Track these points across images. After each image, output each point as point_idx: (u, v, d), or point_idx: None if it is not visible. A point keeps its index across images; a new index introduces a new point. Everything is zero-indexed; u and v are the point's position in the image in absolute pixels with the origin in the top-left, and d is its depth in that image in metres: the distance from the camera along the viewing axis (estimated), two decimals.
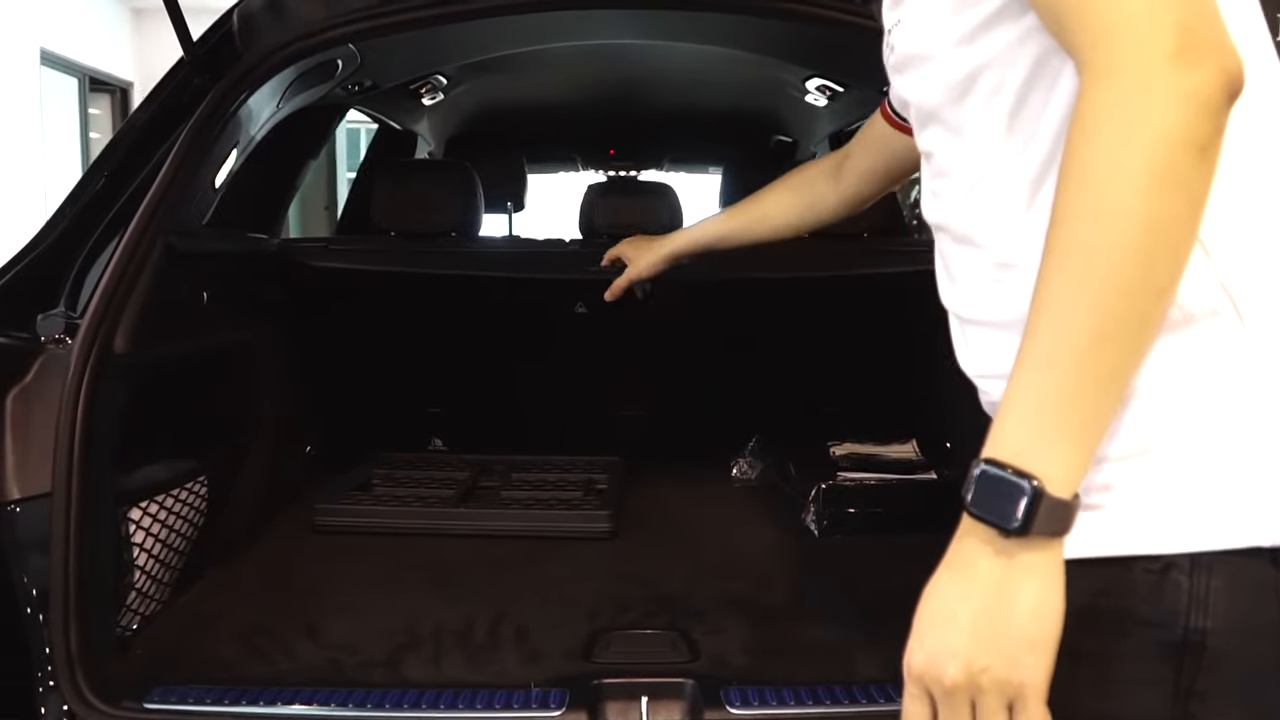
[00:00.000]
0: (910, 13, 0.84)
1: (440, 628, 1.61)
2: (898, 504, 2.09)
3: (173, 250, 1.60)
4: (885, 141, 1.39)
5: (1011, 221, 0.78)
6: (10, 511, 1.35)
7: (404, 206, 2.36)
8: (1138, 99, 0.61)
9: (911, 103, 0.88)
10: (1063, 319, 0.64)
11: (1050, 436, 0.65)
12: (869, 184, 1.47)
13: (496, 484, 2.31)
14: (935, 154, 0.86)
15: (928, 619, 0.72)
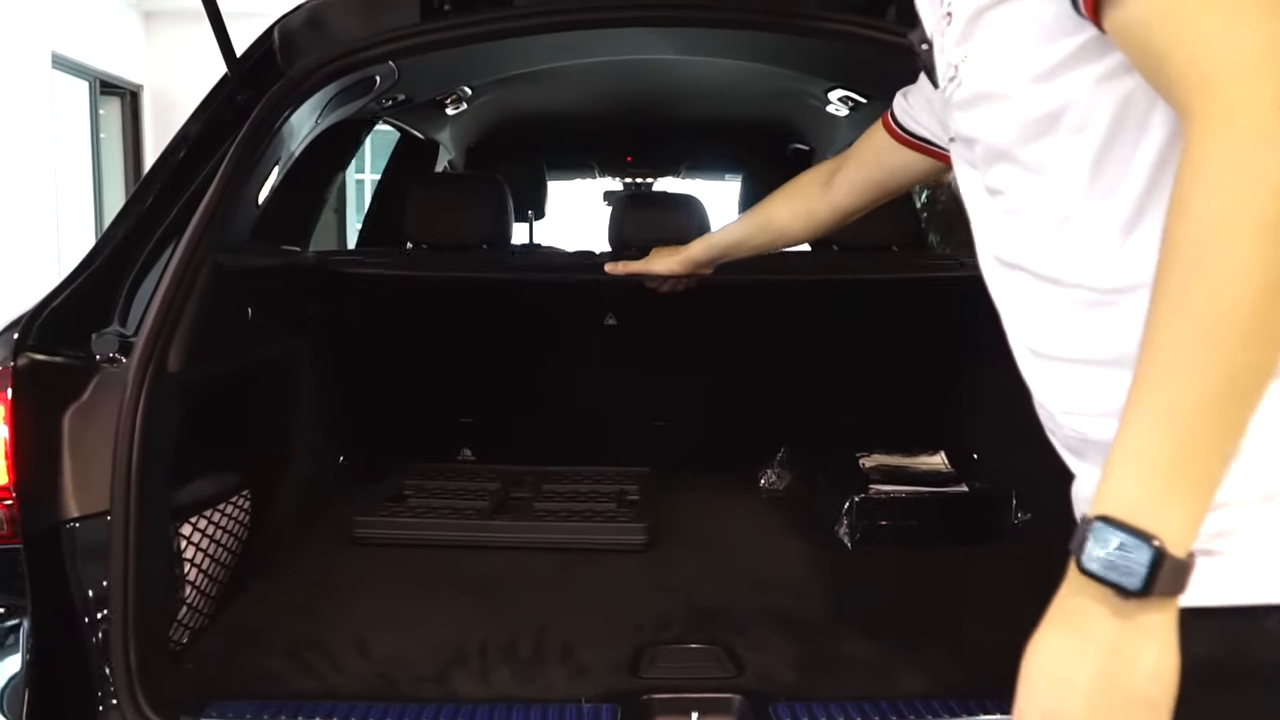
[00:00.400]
0: (982, 48, 0.83)
1: (486, 642, 1.63)
2: (930, 516, 2.11)
3: (221, 269, 1.62)
4: (883, 156, 1.40)
5: (1102, 262, 0.78)
6: (70, 529, 1.37)
7: (436, 219, 2.39)
8: (1255, 150, 0.61)
9: (979, 140, 0.87)
10: (1179, 373, 0.63)
11: (1169, 493, 0.64)
12: (859, 197, 1.49)
13: (528, 495, 2.32)
14: (1007, 192, 0.86)
15: (1039, 681, 0.71)
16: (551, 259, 2.52)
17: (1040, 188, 0.82)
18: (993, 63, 0.82)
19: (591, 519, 2.13)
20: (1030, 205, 0.83)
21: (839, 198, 1.49)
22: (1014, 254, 0.87)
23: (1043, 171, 0.81)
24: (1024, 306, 0.88)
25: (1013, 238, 0.87)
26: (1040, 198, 0.82)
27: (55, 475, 1.37)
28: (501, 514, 2.18)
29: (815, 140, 3.82)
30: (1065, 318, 0.82)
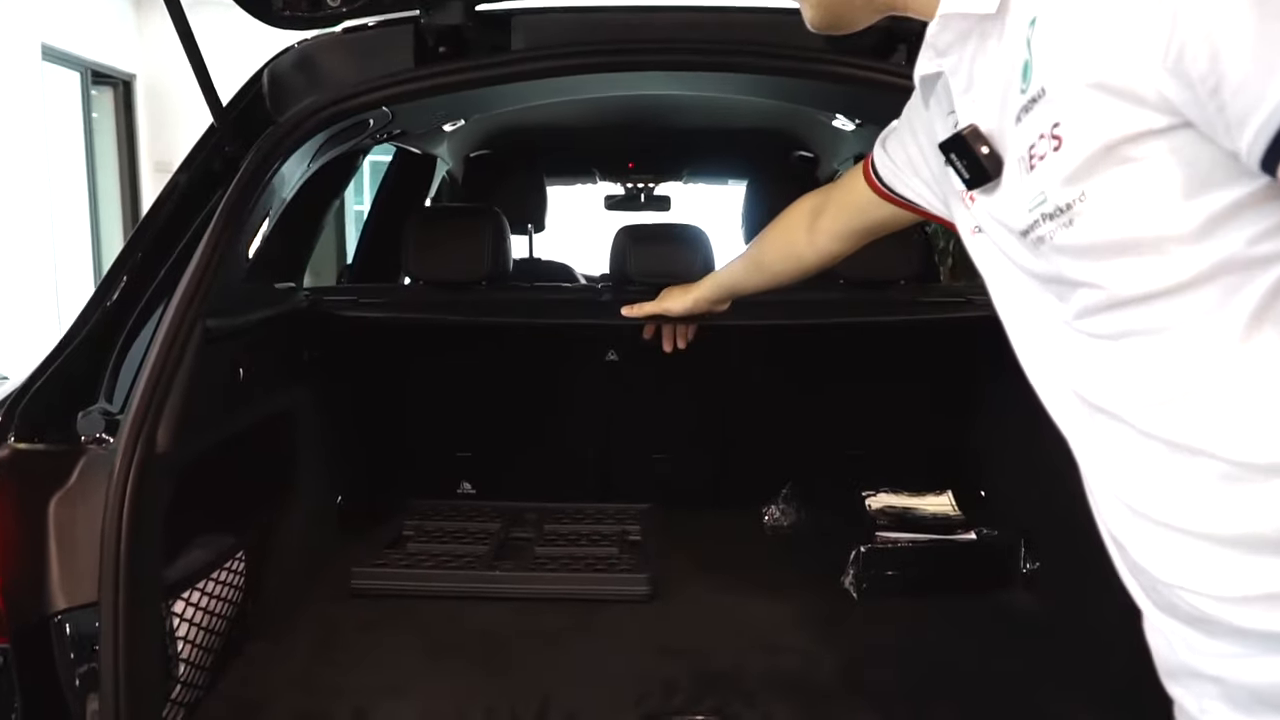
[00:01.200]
0: (1113, 190, 0.70)
1: (490, 713, 1.59)
2: (937, 566, 2.07)
3: (210, 334, 1.57)
4: (864, 208, 1.31)
5: (1250, 432, 0.70)
6: (58, 622, 1.33)
7: (434, 254, 2.33)
8: None
9: (1094, 287, 0.75)
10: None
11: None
12: (843, 243, 1.43)
13: (530, 535, 2.29)
14: (1120, 342, 0.75)
15: None
16: (553, 295, 2.47)
17: (1167, 347, 0.72)
18: (1129, 209, 0.70)
19: (594, 566, 2.10)
20: (1155, 362, 0.73)
21: (822, 243, 1.44)
22: (1115, 404, 0.77)
23: (1178, 330, 0.71)
24: (1123, 460, 0.79)
25: (1117, 388, 0.77)
26: (1169, 358, 0.72)
27: (42, 567, 1.33)
28: (502, 559, 2.15)
29: (819, 148, 3.76)
30: (1188, 488, 0.74)
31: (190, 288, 1.52)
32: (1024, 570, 2.07)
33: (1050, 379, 0.86)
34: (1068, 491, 0.89)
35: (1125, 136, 0.68)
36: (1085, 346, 0.79)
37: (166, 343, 1.46)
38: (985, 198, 0.85)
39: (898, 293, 2.44)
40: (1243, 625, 0.72)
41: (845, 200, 1.36)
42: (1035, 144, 0.75)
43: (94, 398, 1.48)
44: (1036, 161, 0.75)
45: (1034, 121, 0.75)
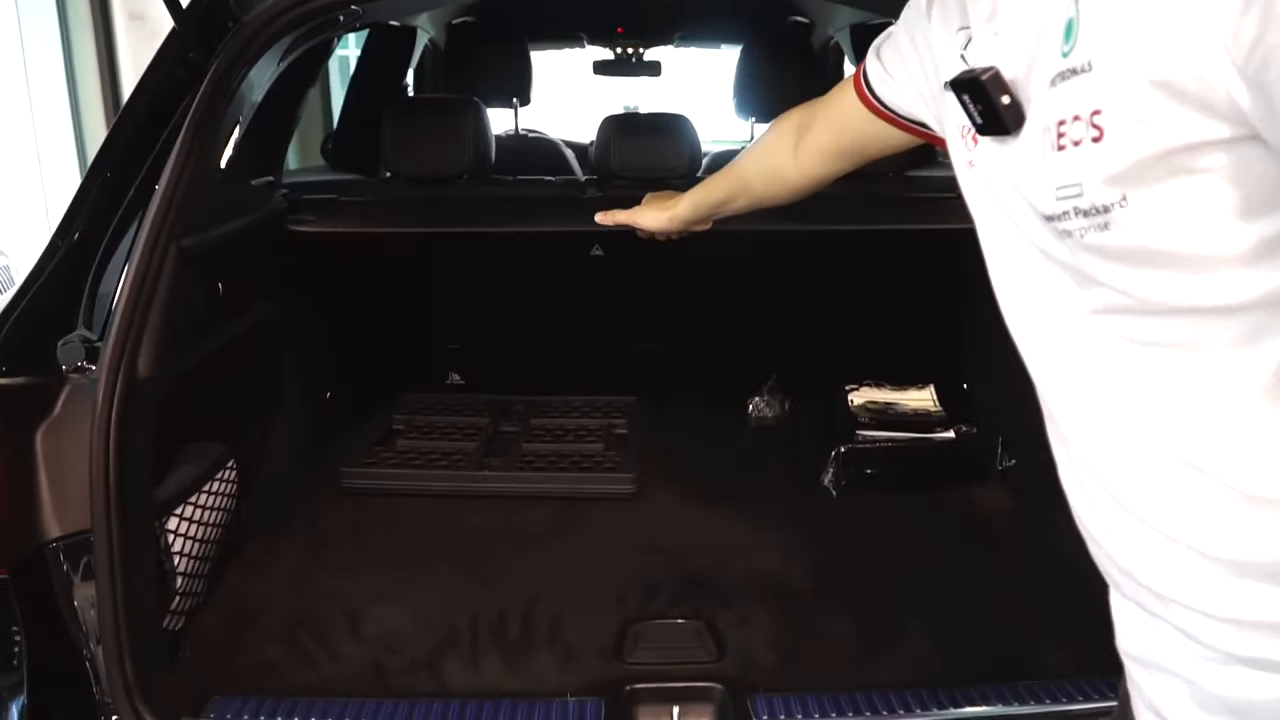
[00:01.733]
0: (1152, 200, 0.63)
1: (476, 619, 1.67)
2: (914, 464, 2.12)
3: (186, 254, 1.55)
4: (853, 124, 1.17)
5: (1272, 467, 0.67)
6: (53, 550, 1.37)
7: (413, 149, 2.27)
8: None
9: (1130, 295, 0.68)
10: None
11: None
12: (829, 164, 1.27)
13: (517, 429, 2.33)
14: (1142, 349, 0.70)
15: None
16: (536, 191, 2.42)
17: (1200, 365, 0.67)
18: (1177, 223, 0.63)
19: (581, 465, 2.15)
20: (1178, 377, 0.69)
21: (808, 164, 1.29)
22: (1126, 407, 0.73)
23: (1209, 351, 0.67)
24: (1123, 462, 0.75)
25: (1130, 392, 0.72)
26: (1196, 375, 0.68)
27: (33, 498, 1.36)
28: (491, 456, 2.20)
29: (815, 14, 3.61)
30: (1195, 505, 0.70)
31: (161, 209, 1.49)
32: (1000, 468, 2.11)
33: (1047, 357, 0.80)
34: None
35: (1184, 145, 0.60)
36: (1099, 340, 0.72)
37: (141, 268, 1.45)
38: (997, 147, 0.76)
39: (885, 185, 2.39)
40: (1233, 650, 0.70)
41: (834, 116, 1.22)
42: (1069, 123, 0.66)
43: (72, 324, 1.48)
44: (1069, 145, 0.66)
45: (1072, 95, 0.65)
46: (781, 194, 1.37)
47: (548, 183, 2.44)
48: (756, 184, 1.40)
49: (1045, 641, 1.59)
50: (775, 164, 1.34)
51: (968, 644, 1.60)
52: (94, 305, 1.52)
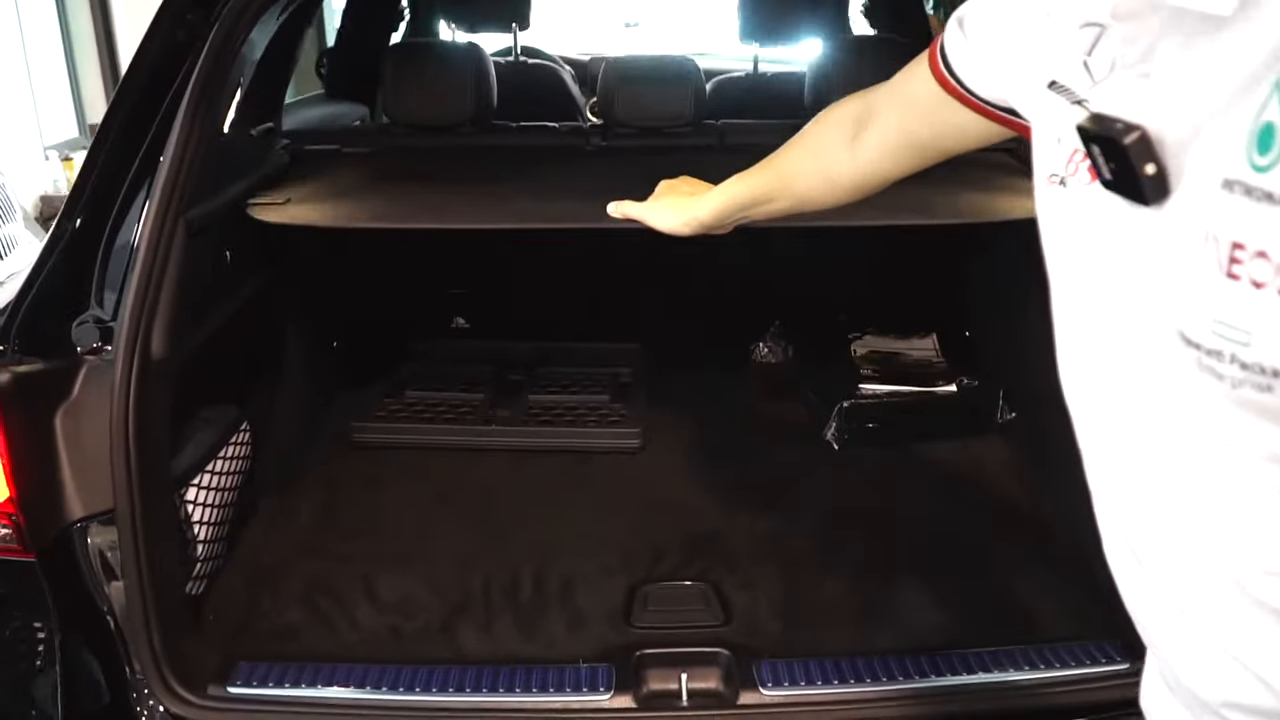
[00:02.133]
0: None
1: (489, 583, 1.72)
2: (915, 417, 2.15)
3: (193, 228, 1.55)
4: (929, 112, 0.98)
5: None
6: (79, 530, 1.41)
7: (414, 98, 2.23)
8: None
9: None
10: None
11: None
12: (895, 162, 1.07)
13: (523, 378, 2.36)
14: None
15: None
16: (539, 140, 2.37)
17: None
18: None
19: (587, 418, 2.18)
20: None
21: (867, 161, 1.08)
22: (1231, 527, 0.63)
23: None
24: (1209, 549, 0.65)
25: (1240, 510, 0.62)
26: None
27: (56, 481, 1.39)
28: (498, 408, 2.23)
29: None
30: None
31: (168, 185, 1.48)
32: (1000, 420, 2.15)
33: (1136, 454, 0.68)
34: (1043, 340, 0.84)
35: None
36: (1227, 459, 0.62)
37: (151, 247, 1.45)
38: (1127, 208, 0.63)
39: None
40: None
41: (902, 102, 1.02)
42: (1251, 257, 0.54)
43: (84, 304, 1.49)
44: (1246, 281, 0.54)
45: (1262, 224, 0.53)
46: (831, 196, 1.16)
47: (551, 130, 2.40)
48: (801, 184, 1.18)
49: (1044, 605, 1.65)
50: (826, 161, 1.13)
51: (968, 608, 1.65)
52: (104, 283, 1.52)
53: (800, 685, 1.48)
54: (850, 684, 1.48)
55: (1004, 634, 1.57)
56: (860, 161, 1.09)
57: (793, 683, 1.48)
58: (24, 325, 1.39)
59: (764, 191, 1.22)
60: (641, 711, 1.45)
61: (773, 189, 1.21)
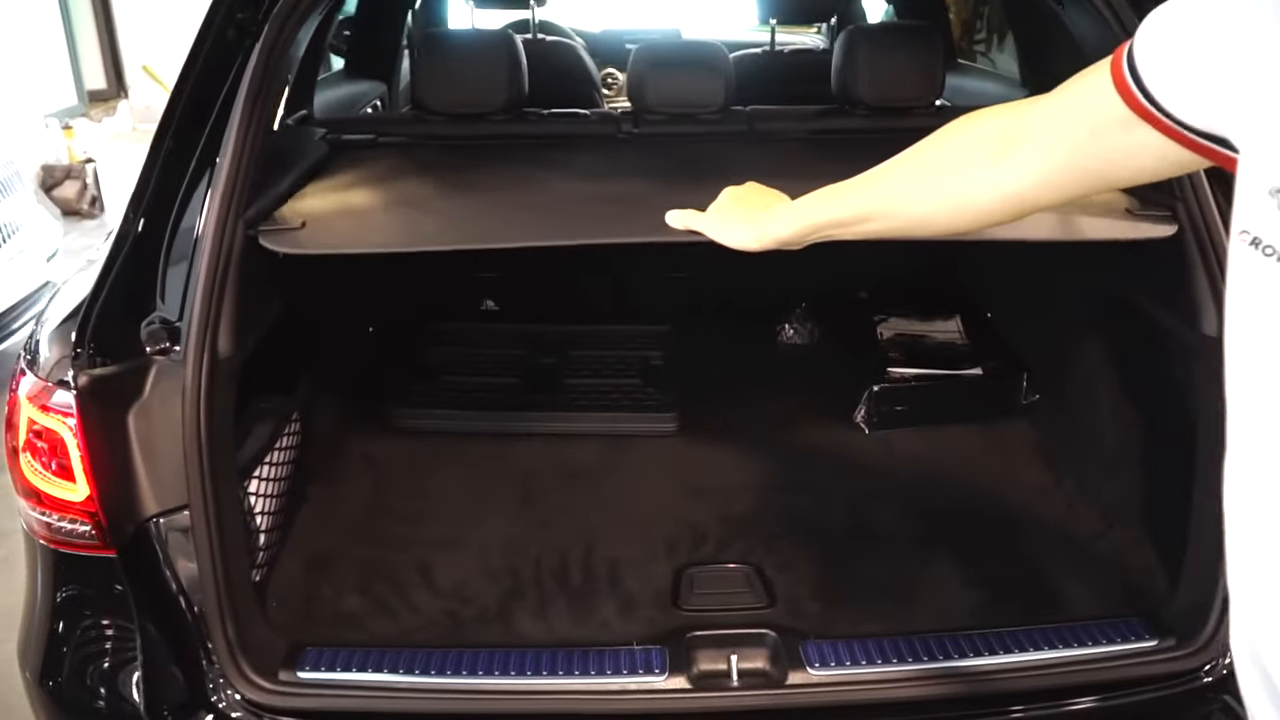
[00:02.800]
0: None
1: (539, 567, 1.78)
2: (942, 399, 2.21)
3: (250, 228, 1.59)
4: (1109, 130, 0.82)
5: None
6: (156, 526, 1.46)
7: (448, 86, 2.25)
8: None
9: None
10: None
11: None
12: (1051, 187, 0.91)
13: (555, 362, 2.40)
14: None
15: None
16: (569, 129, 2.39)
17: None
18: None
19: (621, 403, 2.23)
20: None
21: (1014, 184, 0.93)
22: None
23: None
24: None
25: None
26: None
27: (131, 479, 1.44)
28: (534, 392, 2.27)
29: None
30: None
31: (227, 191, 1.52)
32: (1024, 402, 2.20)
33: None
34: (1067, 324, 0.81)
35: None
36: None
37: (215, 250, 1.49)
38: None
39: (921, 119, 2.39)
40: None
41: (1068, 121, 0.86)
42: None
43: (151, 304, 1.53)
44: None
45: None
46: (953, 223, 1.03)
47: (580, 119, 2.43)
48: (917, 206, 1.04)
49: (1072, 584, 1.71)
50: (958, 183, 0.98)
51: (1000, 588, 1.71)
52: (166, 283, 1.56)
53: (845, 665, 1.54)
54: (892, 663, 1.54)
55: (1035, 613, 1.63)
56: (1005, 185, 0.94)
57: (838, 663, 1.54)
58: (97, 327, 1.43)
59: (862, 211, 1.11)
60: (695, 692, 1.51)
61: (874, 209, 1.10)
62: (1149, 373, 1.81)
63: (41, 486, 1.46)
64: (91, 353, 1.41)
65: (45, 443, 1.46)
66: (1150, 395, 1.81)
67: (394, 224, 1.72)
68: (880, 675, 1.53)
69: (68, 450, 1.41)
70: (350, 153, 2.17)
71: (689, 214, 1.33)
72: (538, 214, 1.73)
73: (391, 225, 1.72)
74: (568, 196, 1.79)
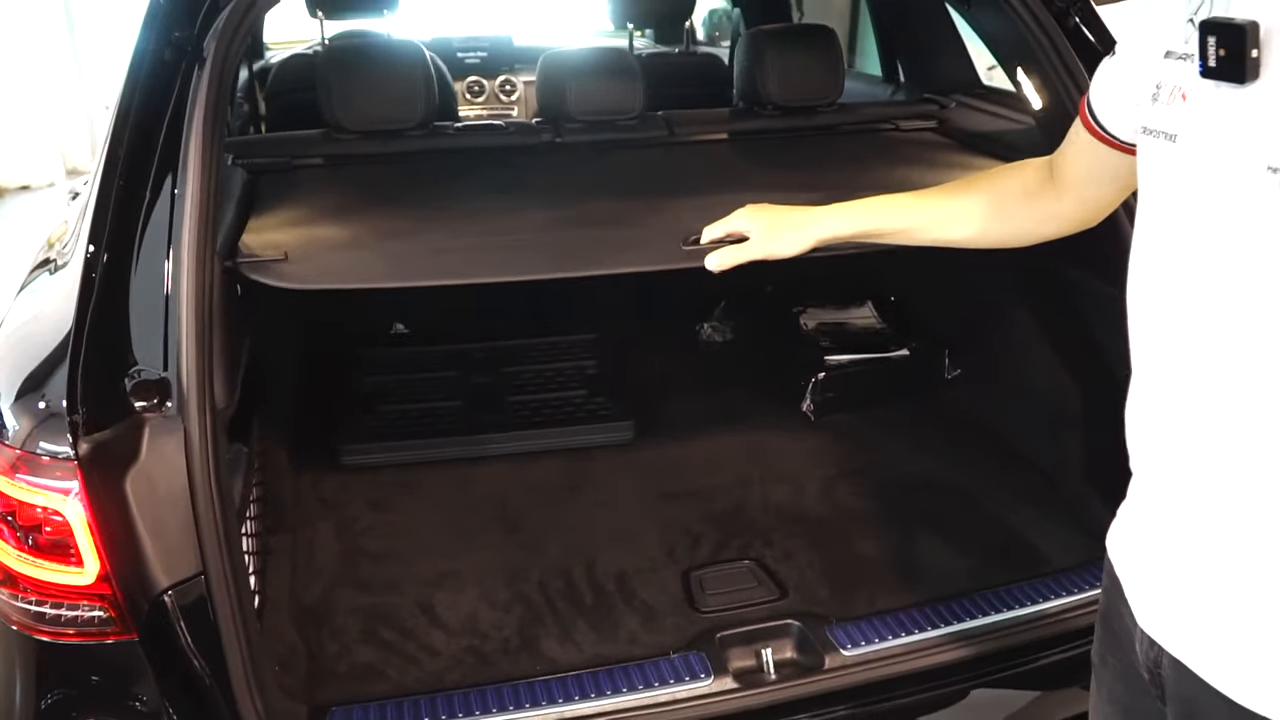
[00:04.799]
0: None
1: (546, 589, 1.74)
2: (878, 382, 2.33)
3: (228, 268, 1.47)
4: (1090, 162, 1.10)
5: None
6: (169, 599, 1.32)
7: (363, 101, 2.13)
8: None
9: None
10: None
11: None
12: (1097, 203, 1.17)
13: (491, 380, 2.34)
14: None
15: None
16: (489, 140, 2.33)
17: None
18: None
19: (576, 415, 2.20)
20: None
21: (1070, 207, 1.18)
22: None
23: None
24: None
25: None
26: None
27: (139, 551, 1.29)
28: (483, 414, 2.21)
29: None
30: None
31: (198, 227, 1.39)
32: (948, 377, 2.36)
33: (1195, 313, 0.84)
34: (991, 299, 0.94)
35: None
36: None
37: (197, 295, 1.36)
38: (1213, 98, 0.81)
39: (828, 116, 2.49)
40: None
41: (1069, 157, 1.15)
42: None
43: (127, 356, 1.37)
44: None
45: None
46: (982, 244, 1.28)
47: (499, 131, 2.37)
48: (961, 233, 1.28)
49: (1044, 539, 1.85)
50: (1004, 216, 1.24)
51: (982, 550, 1.83)
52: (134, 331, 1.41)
53: (875, 643, 1.60)
54: (916, 634, 1.62)
55: (1022, 570, 1.75)
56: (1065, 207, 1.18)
57: (867, 641, 1.60)
58: (86, 390, 1.28)
59: (903, 226, 1.31)
60: (746, 690, 1.53)
61: (913, 226, 1.30)
62: (1077, 335, 1.97)
63: (22, 570, 1.28)
64: (85, 416, 1.26)
65: (21, 521, 1.29)
66: (1079, 356, 1.97)
67: (383, 258, 1.62)
68: (908, 647, 1.60)
69: (69, 528, 1.24)
70: (281, 177, 2.04)
71: (729, 254, 1.38)
72: (524, 247, 1.68)
73: (381, 259, 1.62)
74: (545, 224, 1.74)
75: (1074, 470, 1.97)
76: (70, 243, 1.56)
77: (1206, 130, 0.82)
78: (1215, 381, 0.84)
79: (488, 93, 3.64)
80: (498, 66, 3.85)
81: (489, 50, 3.97)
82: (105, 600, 1.26)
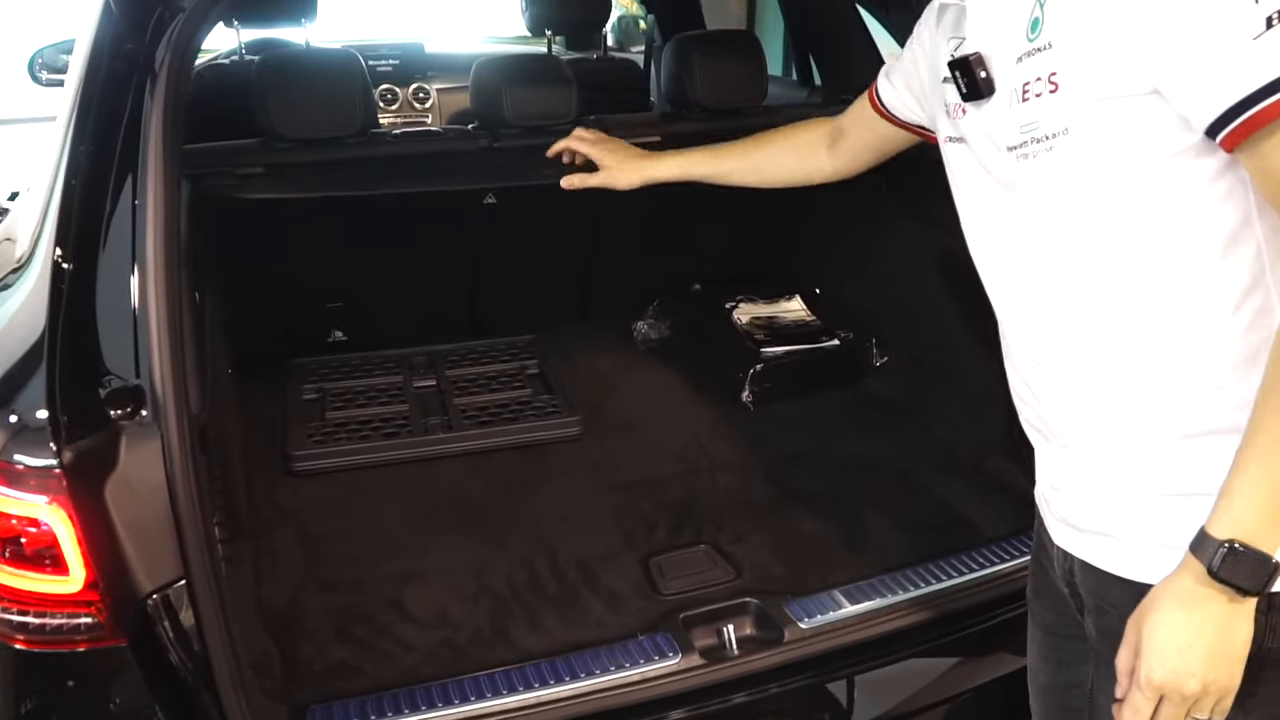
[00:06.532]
0: (1095, 130, 0.94)
1: (512, 581, 1.79)
2: (811, 371, 2.44)
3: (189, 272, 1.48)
4: (877, 131, 1.49)
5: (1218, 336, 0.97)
6: (153, 603, 1.32)
7: (300, 110, 2.14)
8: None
9: (1072, 211, 0.99)
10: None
11: (1276, 526, 0.90)
12: (861, 162, 1.58)
13: (435, 383, 2.37)
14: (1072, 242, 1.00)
15: (1164, 645, 0.94)
16: (428, 146, 2.35)
17: (1122, 254, 0.98)
18: (1104, 150, 0.94)
19: (523, 413, 2.25)
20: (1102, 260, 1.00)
21: (843, 162, 1.58)
22: (1062, 294, 1.04)
23: (1128, 245, 0.97)
24: (1123, 381, 1.03)
25: (1067, 279, 1.02)
26: (1122, 265, 0.98)
27: (122, 557, 1.30)
28: (428, 416, 2.24)
29: None
30: (1189, 389, 0.99)
31: (166, 231, 1.40)
32: (876, 365, 2.48)
33: (1003, 272, 1.11)
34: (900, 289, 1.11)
35: (1112, 95, 0.92)
36: (1042, 243, 1.03)
37: (168, 306, 1.37)
38: (975, 112, 1.07)
39: (753, 118, 2.59)
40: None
41: (857, 124, 1.53)
42: (1032, 83, 0.98)
43: (97, 363, 1.37)
44: (1031, 97, 0.99)
45: (1034, 66, 0.98)
46: (799, 183, 1.63)
47: (436, 136, 2.40)
48: (778, 173, 1.63)
49: (977, 509, 1.98)
50: (808, 160, 1.61)
51: (921, 524, 1.95)
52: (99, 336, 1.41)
53: (829, 613, 1.70)
54: (866, 603, 1.72)
55: (960, 540, 1.88)
56: (838, 164, 1.58)
57: (822, 613, 1.70)
58: (65, 399, 1.28)
59: (729, 171, 1.64)
60: (713, 665, 1.61)
61: (740, 171, 1.64)
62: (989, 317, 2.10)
63: (3, 581, 1.27)
64: (66, 424, 1.26)
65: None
66: (993, 337, 2.11)
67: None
68: (861, 616, 1.70)
69: (53, 537, 1.24)
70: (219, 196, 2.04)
71: (576, 178, 1.67)
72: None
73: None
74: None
75: (998, 444, 2.11)
76: (25, 253, 1.55)
77: (976, 132, 1.08)
78: (1032, 312, 1.09)
79: (401, 100, 3.63)
80: (410, 74, 3.85)
81: (400, 58, 3.96)
82: (93, 607, 1.26)
